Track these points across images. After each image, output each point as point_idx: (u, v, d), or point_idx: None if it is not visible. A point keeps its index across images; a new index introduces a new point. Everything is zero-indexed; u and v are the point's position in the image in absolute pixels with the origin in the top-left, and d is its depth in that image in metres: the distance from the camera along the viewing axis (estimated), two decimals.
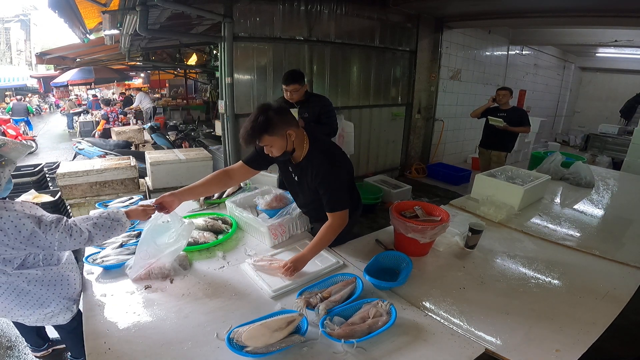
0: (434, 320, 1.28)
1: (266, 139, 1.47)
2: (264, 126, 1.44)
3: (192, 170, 3.65)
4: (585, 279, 1.57)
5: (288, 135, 1.50)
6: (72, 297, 1.57)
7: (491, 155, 4.08)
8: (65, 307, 1.59)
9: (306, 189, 1.68)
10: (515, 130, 3.88)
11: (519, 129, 3.87)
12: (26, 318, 1.56)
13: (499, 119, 3.79)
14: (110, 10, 3.92)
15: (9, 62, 22.53)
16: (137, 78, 14.09)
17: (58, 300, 1.53)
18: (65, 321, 1.65)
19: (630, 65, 8.20)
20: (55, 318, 1.60)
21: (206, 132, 6.61)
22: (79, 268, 1.66)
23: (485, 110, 4.04)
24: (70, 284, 1.55)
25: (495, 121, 3.83)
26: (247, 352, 1.05)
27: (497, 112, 3.92)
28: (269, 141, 1.48)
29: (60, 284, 1.50)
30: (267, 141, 1.48)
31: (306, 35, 4.18)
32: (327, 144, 1.70)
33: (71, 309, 1.63)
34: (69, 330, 1.76)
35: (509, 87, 3.95)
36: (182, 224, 1.53)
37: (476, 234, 1.74)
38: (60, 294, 1.52)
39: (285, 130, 1.49)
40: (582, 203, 2.55)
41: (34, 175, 3.75)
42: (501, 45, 6.71)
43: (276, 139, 1.48)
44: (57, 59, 8.83)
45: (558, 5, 4.16)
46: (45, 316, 1.57)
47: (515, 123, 3.82)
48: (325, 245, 1.62)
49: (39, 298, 1.47)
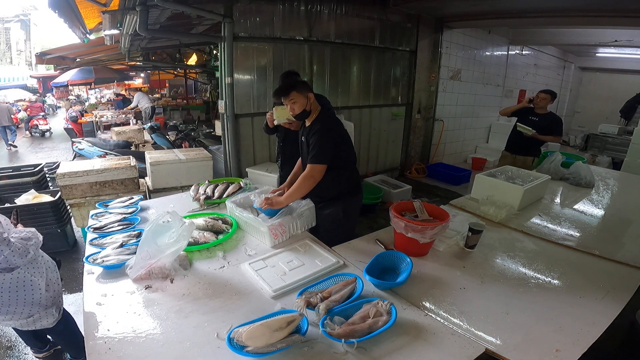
0: (434, 320, 1.28)
1: (293, 94, 1.88)
2: (294, 84, 1.92)
3: (192, 170, 3.65)
4: (585, 279, 1.57)
5: (308, 97, 1.91)
6: (41, 302, 1.58)
7: (516, 160, 3.63)
8: (44, 311, 1.60)
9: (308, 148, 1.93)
10: (544, 139, 3.51)
11: (548, 137, 3.47)
12: (10, 322, 1.59)
13: (529, 128, 3.42)
14: (110, 10, 3.92)
15: (9, 62, 22.52)
16: (137, 78, 14.08)
17: (23, 306, 1.54)
18: (50, 325, 1.67)
19: (630, 65, 8.20)
20: (39, 322, 1.63)
21: (206, 132, 6.61)
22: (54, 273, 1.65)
23: (518, 110, 3.69)
24: (34, 289, 1.55)
25: (523, 129, 3.45)
26: (247, 352, 1.05)
27: (529, 114, 3.57)
28: (294, 97, 1.88)
29: (22, 289, 1.52)
30: (293, 96, 1.88)
31: (306, 35, 4.18)
32: (331, 114, 2.03)
33: (52, 314, 1.65)
34: (57, 333, 1.78)
35: (552, 91, 3.53)
36: (183, 224, 1.53)
37: (476, 234, 1.74)
38: (25, 300, 1.54)
39: (306, 92, 1.91)
40: (582, 203, 2.55)
41: (34, 175, 3.75)
42: (501, 45, 6.71)
43: (300, 96, 1.89)
44: (57, 59, 8.83)
45: (558, 5, 4.16)
46: (27, 320, 1.60)
47: (546, 130, 3.44)
48: (301, 194, 1.86)
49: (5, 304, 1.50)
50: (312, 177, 1.84)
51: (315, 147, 1.85)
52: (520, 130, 3.50)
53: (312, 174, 1.84)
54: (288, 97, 1.90)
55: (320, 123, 1.92)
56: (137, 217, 1.99)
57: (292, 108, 1.91)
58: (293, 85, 1.91)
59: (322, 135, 1.86)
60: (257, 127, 4.02)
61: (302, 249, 1.71)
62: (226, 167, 4.16)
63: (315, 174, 1.85)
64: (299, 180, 1.86)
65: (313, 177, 1.84)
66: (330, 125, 1.93)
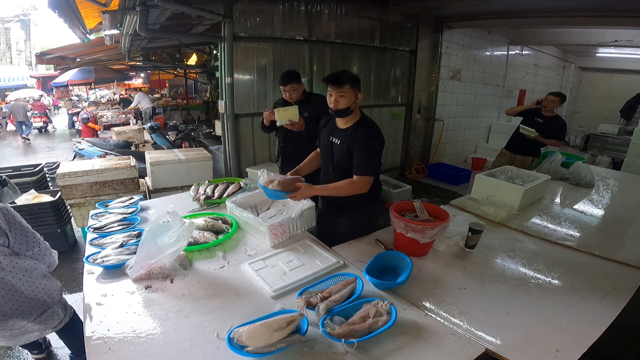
0: (434, 320, 1.28)
1: (346, 88, 1.74)
2: (351, 77, 1.77)
3: (192, 170, 3.65)
4: (585, 279, 1.57)
5: (357, 96, 1.79)
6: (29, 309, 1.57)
7: (515, 160, 3.63)
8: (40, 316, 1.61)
9: (343, 152, 1.85)
10: (546, 142, 3.46)
11: (550, 141, 3.43)
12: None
13: (532, 130, 3.37)
14: (110, 10, 3.93)
15: (9, 62, 22.52)
16: (137, 78, 14.09)
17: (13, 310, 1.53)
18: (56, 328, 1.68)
19: (630, 65, 8.19)
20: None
21: (206, 132, 6.61)
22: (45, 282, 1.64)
23: (524, 111, 3.68)
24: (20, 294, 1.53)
25: (527, 131, 3.40)
26: (247, 352, 1.05)
27: (535, 116, 3.53)
28: (346, 90, 1.74)
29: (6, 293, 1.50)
30: (345, 90, 1.74)
31: (306, 35, 4.18)
32: (373, 121, 1.92)
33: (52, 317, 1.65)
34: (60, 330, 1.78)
35: (562, 94, 3.50)
36: (183, 224, 1.53)
37: (476, 234, 1.74)
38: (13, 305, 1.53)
39: (357, 91, 1.79)
40: (582, 203, 2.55)
41: (34, 175, 3.75)
42: (501, 45, 6.71)
43: (351, 92, 1.76)
44: (57, 59, 8.84)
45: (558, 5, 4.16)
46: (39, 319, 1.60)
47: (550, 133, 3.39)
48: (338, 194, 1.84)
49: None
50: (360, 189, 1.78)
51: (363, 157, 1.77)
52: (523, 132, 3.45)
53: (360, 186, 1.78)
54: (339, 89, 1.73)
55: (366, 128, 1.79)
56: (137, 217, 1.99)
57: (337, 101, 1.75)
58: (349, 78, 1.75)
59: (368, 144, 1.77)
60: (257, 127, 4.01)
61: (302, 249, 1.71)
62: (226, 167, 4.17)
63: (364, 187, 1.78)
64: (346, 184, 1.78)
65: (360, 190, 1.78)
66: (375, 130, 1.82)
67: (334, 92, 1.75)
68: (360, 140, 1.77)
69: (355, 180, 1.78)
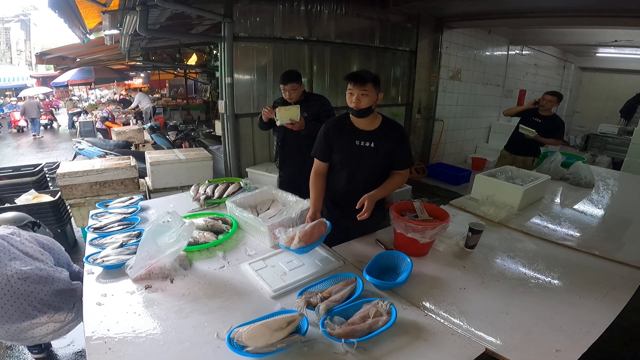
0: (434, 320, 1.28)
1: (369, 86, 1.73)
2: (373, 76, 1.77)
3: (192, 170, 3.65)
4: (585, 279, 1.57)
5: (379, 95, 1.80)
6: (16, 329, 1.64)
7: (515, 160, 3.62)
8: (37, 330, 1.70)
9: (380, 154, 1.85)
10: (545, 142, 3.49)
11: (549, 140, 3.45)
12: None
13: (531, 130, 3.39)
14: (110, 10, 3.92)
15: (9, 62, 22.53)
16: (137, 78, 14.09)
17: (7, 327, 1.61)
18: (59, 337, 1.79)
19: (630, 65, 8.19)
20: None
21: (206, 132, 6.61)
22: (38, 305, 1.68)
23: (522, 111, 3.70)
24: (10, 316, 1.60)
25: (526, 130, 3.42)
26: (247, 352, 1.05)
27: (532, 115, 3.54)
28: (369, 89, 1.73)
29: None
30: (368, 88, 1.73)
31: (306, 35, 4.18)
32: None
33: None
34: None
35: (559, 93, 3.52)
36: (183, 224, 1.53)
37: (476, 234, 1.74)
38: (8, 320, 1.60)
39: (378, 91, 1.80)
40: (582, 203, 2.55)
41: (33, 175, 3.75)
42: (501, 45, 6.71)
43: (374, 92, 1.76)
44: (57, 59, 8.84)
45: (558, 5, 4.16)
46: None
47: (548, 133, 3.41)
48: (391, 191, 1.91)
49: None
50: (404, 181, 1.95)
51: (405, 151, 1.90)
52: (523, 132, 3.46)
53: (405, 179, 1.95)
54: (362, 87, 1.71)
55: (396, 125, 1.92)
56: (137, 217, 1.99)
57: (359, 99, 1.73)
58: (371, 76, 1.75)
59: (406, 138, 1.95)
60: (257, 127, 4.00)
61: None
62: (226, 167, 4.17)
63: (406, 178, 1.96)
64: (398, 179, 1.90)
65: (404, 181, 1.95)
66: (404, 129, 1.97)
67: (357, 90, 1.72)
68: (400, 136, 1.87)
69: (403, 173, 1.92)
